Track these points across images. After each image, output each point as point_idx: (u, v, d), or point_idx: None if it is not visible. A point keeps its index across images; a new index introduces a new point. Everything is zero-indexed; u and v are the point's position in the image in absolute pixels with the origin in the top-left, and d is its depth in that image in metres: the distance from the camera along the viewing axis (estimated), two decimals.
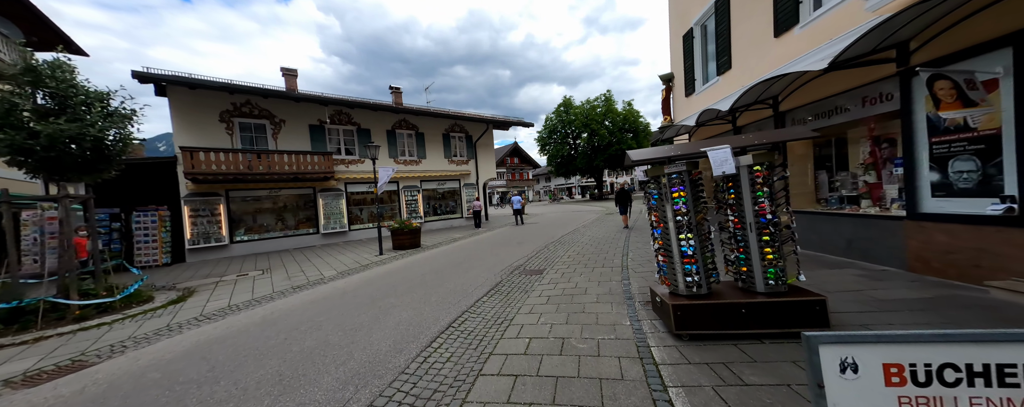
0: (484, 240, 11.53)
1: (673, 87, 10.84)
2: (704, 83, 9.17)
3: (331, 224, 13.11)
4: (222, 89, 10.51)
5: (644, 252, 7.35)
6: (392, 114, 14.78)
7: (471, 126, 17.74)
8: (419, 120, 15.79)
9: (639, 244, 8.35)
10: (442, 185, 16.87)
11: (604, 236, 10.33)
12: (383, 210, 14.83)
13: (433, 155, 16.38)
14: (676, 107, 10.79)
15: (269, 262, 9.53)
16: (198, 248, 10.34)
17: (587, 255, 7.67)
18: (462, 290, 5.52)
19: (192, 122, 10.51)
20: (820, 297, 2.90)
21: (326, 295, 5.78)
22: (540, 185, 67.81)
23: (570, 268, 6.56)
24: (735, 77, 7.59)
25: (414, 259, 8.77)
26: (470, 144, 17.87)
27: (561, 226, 14.18)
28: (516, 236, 11.93)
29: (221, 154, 10.18)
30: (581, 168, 39.71)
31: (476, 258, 8.32)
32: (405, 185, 15.37)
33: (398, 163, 15.15)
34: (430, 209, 16.67)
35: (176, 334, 4.38)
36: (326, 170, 12.34)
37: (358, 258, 9.36)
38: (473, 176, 17.98)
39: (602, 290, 4.97)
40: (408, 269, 7.52)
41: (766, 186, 3.10)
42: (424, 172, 15.91)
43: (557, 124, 39.73)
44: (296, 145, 12.38)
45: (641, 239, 9.12)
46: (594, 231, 11.69)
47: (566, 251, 8.41)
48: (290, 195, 12.50)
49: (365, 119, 14.11)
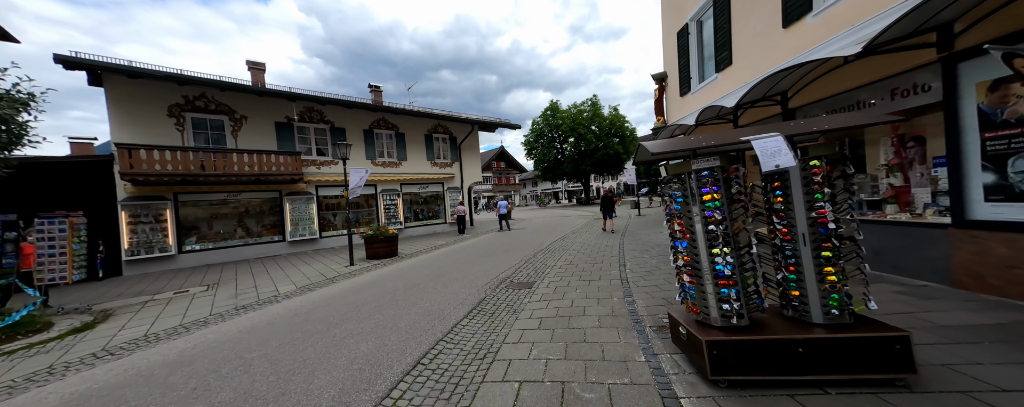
0: (468, 247, 10.66)
1: (666, 86, 10.36)
2: (700, 82, 8.69)
3: (300, 231, 11.94)
4: (169, 79, 9.31)
5: (643, 262, 6.67)
6: (369, 113, 13.79)
7: (455, 127, 16.90)
8: (399, 120, 14.85)
9: (635, 252, 7.69)
10: (424, 188, 15.92)
11: (596, 243, 9.65)
12: (359, 215, 13.74)
13: (415, 157, 15.43)
14: (670, 107, 10.31)
15: (221, 275, 8.36)
16: (138, 259, 9.04)
17: (581, 265, 6.94)
18: (438, 311, 4.66)
19: (134, 116, 9.26)
20: (902, 332, 2.22)
21: (273, 319, 4.80)
22: (527, 190, 67.29)
23: (563, 281, 5.79)
24: (736, 73, 7.09)
25: (388, 271, 7.81)
26: (454, 146, 17.02)
27: (549, 232, 13.46)
28: (503, 243, 11.11)
29: (166, 152, 8.97)
30: (568, 173, 39.37)
31: (458, 269, 7.45)
32: (384, 188, 14.34)
33: (376, 165, 14.13)
34: (411, 214, 15.66)
35: (50, 382, 3.33)
36: (294, 172, 11.23)
37: (325, 269, 8.32)
38: (457, 179, 17.11)
39: (603, 310, 4.21)
40: (379, 283, 6.58)
41: (827, 186, 2.41)
42: (405, 175, 14.92)
43: (544, 128, 39.34)
44: (260, 144, 11.23)
45: (636, 246, 8.49)
46: (585, 237, 11.01)
47: (557, 260, 7.66)
48: (253, 199, 11.30)
49: (339, 117, 13.07)
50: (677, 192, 2.76)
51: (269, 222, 11.60)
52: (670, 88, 10.18)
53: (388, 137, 14.68)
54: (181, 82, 9.48)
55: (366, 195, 13.99)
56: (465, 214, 14.74)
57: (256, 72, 13.09)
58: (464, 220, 14.70)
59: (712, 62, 8.04)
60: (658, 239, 9.47)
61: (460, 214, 14.46)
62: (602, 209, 12.38)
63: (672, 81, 10.00)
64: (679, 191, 2.75)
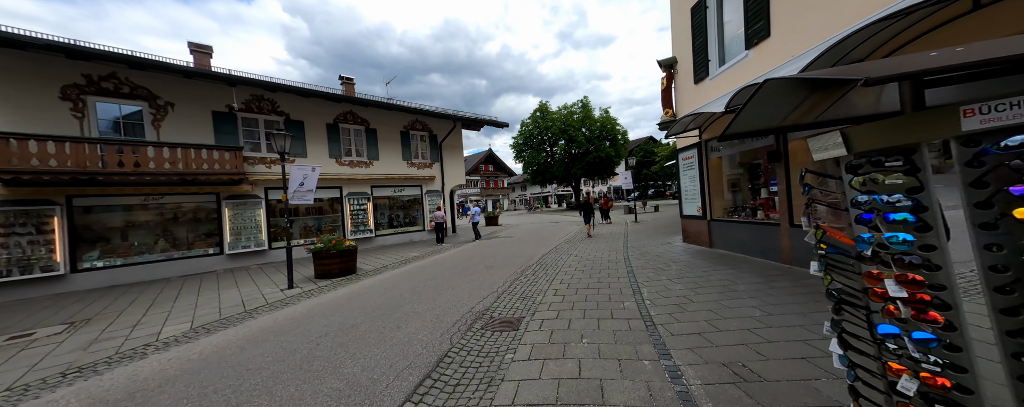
0: (444, 262, 8.92)
1: (676, 74, 8.94)
2: (721, 65, 7.27)
3: (242, 242, 9.97)
4: (55, 50, 7.27)
5: (663, 287, 5.09)
6: (333, 104, 11.95)
7: (435, 124, 15.18)
8: (370, 114, 13.04)
9: (648, 271, 6.12)
10: (399, 192, 14.10)
11: (597, 257, 8.06)
12: (322, 222, 11.82)
13: (389, 156, 13.62)
14: (680, 98, 8.88)
15: (114, 303, 6.39)
16: (6, 282, 6.95)
17: (582, 290, 5.31)
18: (369, 385, 2.94)
19: (9, 98, 7.24)
20: None
21: (92, 403, 2.97)
22: (516, 194, 65.78)
23: (561, 318, 4.15)
24: (776, 47, 5.66)
25: (332, 298, 6.01)
26: (434, 145, 15.28)
27: (540, 241, 11.83)
28: (486, 256, 9.41)
29: (48, 144, 6.96)
30: (558, 176, 38.01)
31: (425, 294, 5.72)
32: (351, 191, 12.46)
33: (342, 164, 12.26)
34: (385, 220, 13.80)
35: None
36: (234, 171, 9.30)
37: (253, 295, 6.46)
38: (438, 181, 15.35)
39: (633, 390, 2.57)
40: (308, 320, 4.79)
41: None
42: (376, 176, 13.08)
43: (533, 130, 37.96)
44: (193, 137, 9.27)
45: (645, 261, 6.92)
46: (582, 249, 9.42)
47: (551, 282, 6.02)
48: (184, 204, 9.31)
49: (297, 108, 11.18)
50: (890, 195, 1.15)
51: (204, 231, 9.60)
52: (681, 75, 8.77)
53: (357, 133, 12.85)
54: (73, 55, 7.49)
55: (330, 198, 12.08)
56: (444, 221, 12.98)
57: (200, 56, 11.14)
58: (443, 227, 12.94)
59: (739, 38, 6.62)
60: (669, 252, 7.95)
61: (438, 221, 12.69)
62: (581, 211, 13.20)
63: (683, 67, 8.59)
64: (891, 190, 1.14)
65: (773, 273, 5.38)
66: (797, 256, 5.50)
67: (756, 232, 6.47)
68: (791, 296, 4.25)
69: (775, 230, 5.96)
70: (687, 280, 5.43)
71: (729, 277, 5.39)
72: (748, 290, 4.63)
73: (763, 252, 6.28)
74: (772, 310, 3.86)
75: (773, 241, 6.00)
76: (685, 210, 9.01)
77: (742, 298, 4.35)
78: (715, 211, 7.93)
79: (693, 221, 8.60)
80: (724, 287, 4.87)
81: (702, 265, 6.37)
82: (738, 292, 4.60)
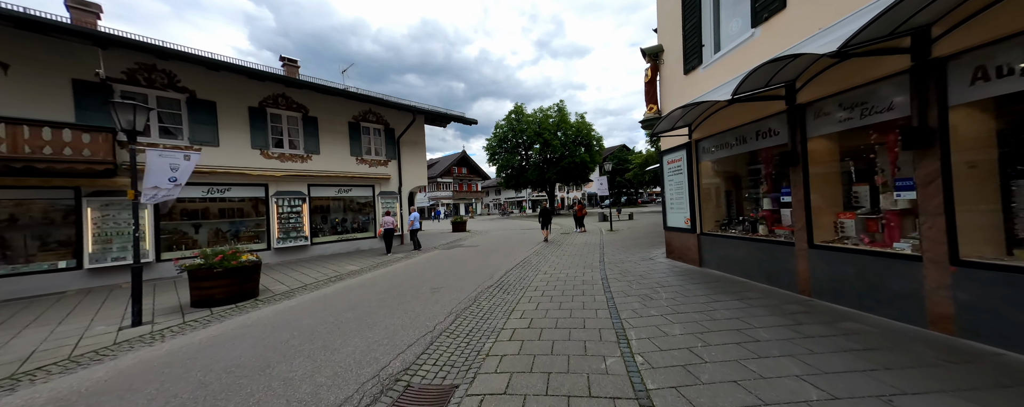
0: (383, 280, 7.15)
1: (662, 64, 7.81)
2: (717, 50, 6.15)
3: (114, 252, 7.65)
4: None
5: (659, 328, 3.70)
6: (259, 84, 9.84)
7: (392, 116, 13.34)
8: (310, 99, 11.02)
9: (633, 301, 4.73)
10: (345, 192, 12.09)
11: (569, 277, 6.64)
12: (239, 228, 9.61)
13: (333, 150, 11.61)
14: (666, 92, 7.74)
15: None
16: None
17: (548, 333, 3.81)
18: None
19: None
20: None
21: None
22: (490, 198, 64.14)
23: (513, 393, 2.62)
24: (793, 21, 4.53)
25: (180, 346, 4.11)
26: (391, 140, 13.41)
27: (507, 252, 10.31)
28: (438, 272, 7.72)
29: None
30: (532, 181, 36.86)
31: (325, 339, 3.99)
32: (281, 190, 10.35)
33: (269, 157, 10.15)
34: (327, 225, 11.74)
35: None
36: (101, 158, 7.06)
37: (66, 337, 4.41)
38: (394, 182, 13.46)
39: None
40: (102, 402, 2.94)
41: None
42: (315, 172, 11.05)
43: (508, 132, 36.67)
44: (41, 112, 6.95)
45: (628, 283, 5.54)
46: (553, 264, 7.98)
47: (508, 315, 4.48)
48: (24, 200, 6.93)
49: (206, 84, 9.00)
50: None
51: (58, 238, 7.23)
52: (668, 65, 7.63)
53: (291, 121, 10.77)
54: None
55: (251, 198, 9.91)
56: (395, 227, 11.13)
57: (81, 14, 8.72)
58: (393, 235, 11.09)
59: (744, 16, 5.49)
60: (653, 272, 6.67)
61: (388, 226, 10.84)
62: (540, 217, 13.55)
63: (671, 55, 7.45)
64: None
65: (792, 309, 4.15)
66: (820, 286, 4.32)
67: (760, 251, 5.29)
68: (843, 354, 2.97)
69: (787, 251, 4.79)
70: (686, 318, 4.07)
71: (739, 313, 4.10)
72: (775, 340, 3.33)
73: (770, 277, 5.09)
74: (831, 385, 2.53)
75: (784, 264, 4.82)
76: (669, 221, 7.82)
77: (773, 355, 3.02)
78: (706, 223, 6.77)
79: (679, 234, 7.41)
80: (739, 333, 3.55)
81: (698, 293, 5.09)
82: (762, 342, 3.28)
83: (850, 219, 4.27)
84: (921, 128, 3.16)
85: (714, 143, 6.35)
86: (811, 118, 4.39)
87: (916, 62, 3.20)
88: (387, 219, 10.93)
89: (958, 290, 3.00)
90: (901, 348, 2.98)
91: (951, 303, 3.06)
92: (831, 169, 4.48)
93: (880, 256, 3.67)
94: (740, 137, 5.67)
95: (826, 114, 4.20)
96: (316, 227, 11.33)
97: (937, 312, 3.16)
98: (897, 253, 3.56)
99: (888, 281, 3.56)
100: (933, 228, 3.17)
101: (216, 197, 9.15)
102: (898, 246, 3.65)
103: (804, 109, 4.47)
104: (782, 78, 4.26)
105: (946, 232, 3.07)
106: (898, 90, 3.45)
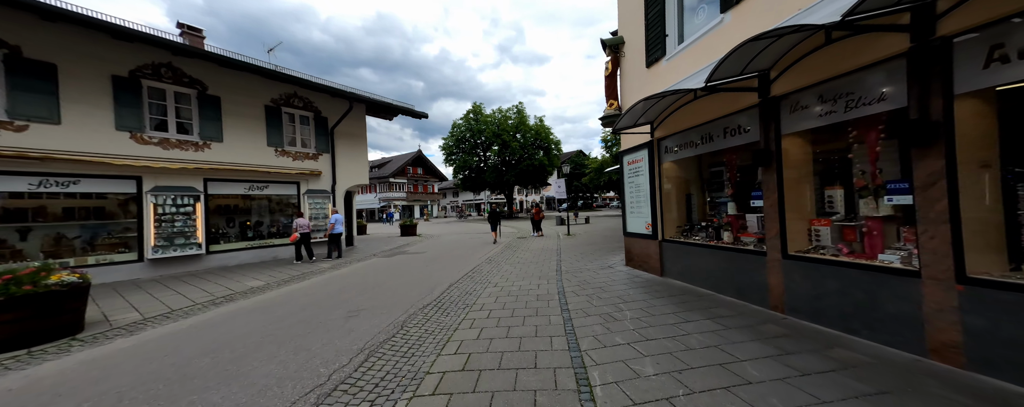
0: (286, 301, 5.65)
1: (623, 57, 7.27)
2: (681, 41, 5.66)
3: None
4: None
5: (621, 364, 2.86)
6: (130, 48, 7.67)
7: (325, 103, 11.57)
8: (211, 74, 8.99)
9: (594, 323, 3.91)
10: (260, 190, 10.13)
11: (523, 288, 5.72)
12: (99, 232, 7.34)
13: (241, 137, 9.63)
14: (627, 87, 7.21)
15: None
16: None
17: (491, 369, 2.83)
18: None
19: None
20: None
21: None
22: (447, 200, 61.99)
23: None
24: (763, 5, 4.05)
25: None
26: (323, 130, 11.62)
27: (457, 259, 9.17)
28: (365, 287, 6.36)
29: None
30: (490, 183, 35.93)
31: (154, 402, 2.60)
32: (161, 185, 8.21)
33: (145, 141, 7.99)
34: (233, 229, 9.69)
35: None
36: None
37: None
38: (326, 179, 11.66)
39: None
40: None
41: None
42: (216, 164, 9.03)
43: (465, 132, 35.42)
44: None
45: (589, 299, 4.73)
46: (505, 274, 7.01)
47: (441, 350, 3.40)
48: None
49: (36, 41, 6.71)
50: None
51: None
52: (629, 59, 7.09)
53: (181, 99, 8.66)
54: None
55: (117, 195, 7.70)
56: (309, 230, 9.44)
57: None
58: (309, 238, 9.39)
59: (708, 2, 5.01)
60: (613, 283, 5.98)
61: (303, 230, 9.13)
62: (489, 220, 14.29)
63: (632, 47, 6.92)
64: None
65: (772, 331, 3.59)
66: (796, 302, 3.82)
67: (727, 261, 4.79)
68: (855, 402, 2.32)
69: (757, 261, 4.29)
70: (657, 347, 3.31)
71: (716, 340, 3.43)
72: (768, 380, 2.64)
73: (739, 290, 4.58)
74: None
75: (754, 276, 4.32)
76: (629, 226, 7.27)
77: (766, 398, 2.31)
78: (668, 229, 6.25)
79: (640, 240, 6.86)
80: (724, 370, 2.84)
81: (665, 310, 4.42)
82: (755, 385, 2.58)
83: (825, 226, 3.84)
84: (922, 121, 2.69)
85: (677, 142, 5.85)
86: (787, 112, 3.92)
87: (916, 43, 2.73)
88: (300, 222, 9.18)
89: (968, 313, 2.53)
90: (916, 389, 2.42)
91: (958, 329, 2.58)
92: (806, 171, 4.05)
93: (868, 270, 3.20)
94: (706, 135, 5.18)
95: (804, 108, 3.73)
96: (218, 232, 9.26)
97: (940, 339, 2.69)
98: (889, 267, 3.09)
99: (879, 300, 3.08)
100: (935, 238, 2.69)
101: (57, 192, 6.88)
102: (883, 258, 3.21)
103: (778, 102, 3.99)
104: (757, 66, 3.72)
105: (952, 244, 2.59)
106: (890, 78, 2.99)
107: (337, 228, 10.08)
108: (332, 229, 10.03)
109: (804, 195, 4.02)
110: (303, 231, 9.11)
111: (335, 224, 10.04)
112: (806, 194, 4.03)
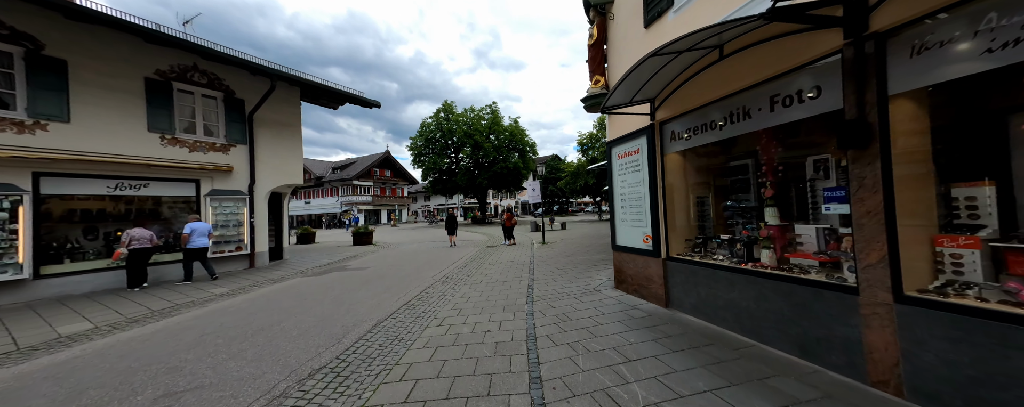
0: (75, 371, 3.42)
1: (612, 20, 5.65)
2: None
3: None
4: None
5: None
6: None
7: (238, 80, 9.21)
8: (54, 28, 6.50)
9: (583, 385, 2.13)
10: (138, 189, 7.64)
11: (479, 329, 3.83)
12: None
13: (106, 118, 7.14)
14: (617, 56, 5.59)
15: None
16: None
17: None
18: None
19: None
20: None
21: None
22: (418, 204, 58.91)
23: None
24: None
25: None
26: (238, 116, 9.24)
27: (402, 280, 7.10)
28: (234, 334, 4.22)
29: None
30: (462, 186, 33.79)
31: None
32: None
33: None
34: (100, 243, 7.12)
35: None
36: None
37: None
38: (240, 177, 9.25)
39: None
40: None
41: None
42: (54, 152, 6.50)
43: (435, 132, 33.15)
44: None
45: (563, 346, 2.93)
46: (461, 298, 5.09)
47: None
48: None
49: None
50: None
51: None
52: (620, 21, 5.48)
53: None
54: None
55: None
56: (151, 245, 6.83)
57: None
58: (148, 257, 6.86)
59: None
60: (603, 320, 4.22)
61: (140, 245, 6.57)
62: (446, 225, 14.14)
63: (625, 5, 5.30)
64: None
65: None
66: (924, 381, 2.21)
67: (778, 296, 3.17)
68: None
69: (840, 303, 2.69)
70: None
71: None
72: None
73: (804, 345, 2.96)
74: None
75: (834, 327, 2.71)
76: (620, 238, 5.59)
77: None
78: (674, 245, 4.62)
79: (635, 257, 5.19)
80: None
81: (696, 380, 2.70)
82: None
83: (970, 248, 2.28)
84: None
85: (689, 124, 4.25)
86: (899, 57, 2.35)
87: None
88: (136, 232, 6.58)
89: None
90: None
91: None
92: (925, 157, 2.49)
93: None
94: (737, 111, 3.59)
95: (940, 45, 2.16)
96: (63, 247, 6.68)
97: None
98: None
99: None
100: None
101: None
102: None
103: (884, 42, 2.42)
104: None
105: None
106: None
107: (194, 241, 7.17)
108: (186, 242, 7.11)
109: (927, 196, 2.46)
110: (140, 246, 6.51)
111: (191, 235, 7.13)
112: (930, 194, 2.47)
